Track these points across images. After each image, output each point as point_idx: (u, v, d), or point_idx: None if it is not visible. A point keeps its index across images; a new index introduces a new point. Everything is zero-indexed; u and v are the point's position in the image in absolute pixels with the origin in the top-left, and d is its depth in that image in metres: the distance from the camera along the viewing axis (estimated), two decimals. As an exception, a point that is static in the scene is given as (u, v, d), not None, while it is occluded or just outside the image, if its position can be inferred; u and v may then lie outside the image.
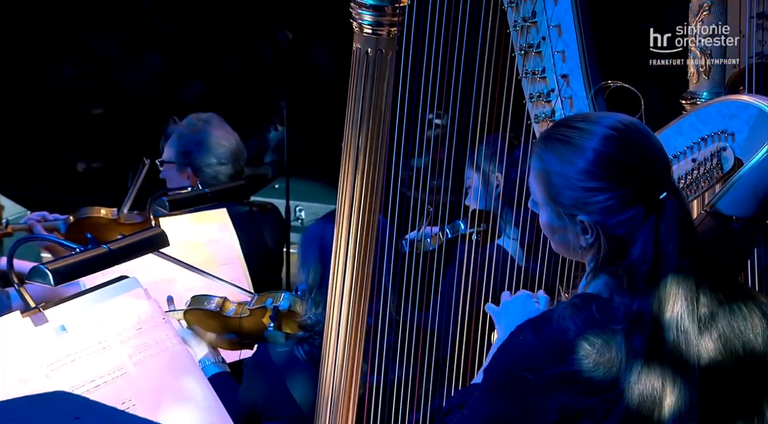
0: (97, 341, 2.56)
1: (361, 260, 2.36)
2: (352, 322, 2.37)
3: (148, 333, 2.67)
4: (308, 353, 2.78)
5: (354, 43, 2.30)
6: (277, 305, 2.95)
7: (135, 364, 2.59)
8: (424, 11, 2.29)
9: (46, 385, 2.40)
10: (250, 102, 6.86)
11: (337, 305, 2.38)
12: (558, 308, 1.90)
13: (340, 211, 2.36)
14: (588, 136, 1.88)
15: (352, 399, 2.40)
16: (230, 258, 3.60)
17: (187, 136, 3.88)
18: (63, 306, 2.54)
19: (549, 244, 2.01)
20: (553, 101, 2.25)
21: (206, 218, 3.62)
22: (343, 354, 2.37)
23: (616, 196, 1.86)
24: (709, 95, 2.57)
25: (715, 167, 2.12)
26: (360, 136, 2.30)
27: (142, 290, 2.72)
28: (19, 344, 2.46)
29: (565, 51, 2.23)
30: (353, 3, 2.28)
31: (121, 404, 2.47)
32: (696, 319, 1.86)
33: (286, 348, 2.83)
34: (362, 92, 2.29)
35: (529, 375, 1.84)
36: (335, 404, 2.38)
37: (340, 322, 2.37)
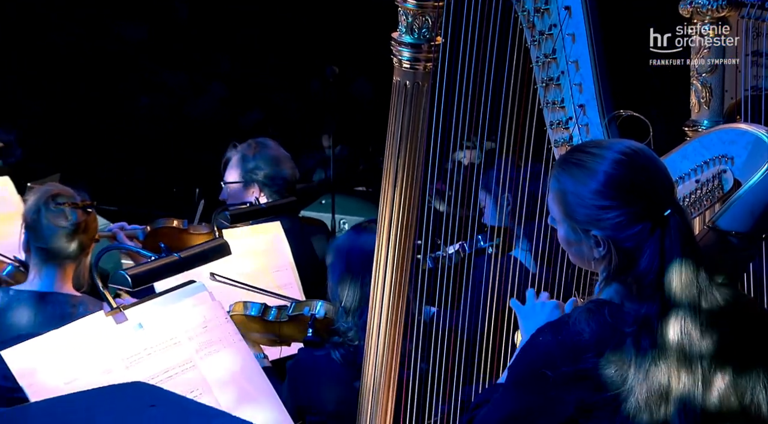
0: (169, 337, 2.58)
1: (400, 267, 2.36)
2: (390, 324, 2.37)
3: (213, 331, 2.68)
4: (344, 357, 2.75)
5: (394, 76, 2.31)
6: (314, 313, 2.94)
7: (201, 358, 2.60)
8: (456, 48, 2.29)
9: (126, 376, 2.42)
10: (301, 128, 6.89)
11: (378, 308, 2.38)
12: (574, 313, 1.89)
13: (381, 224, 2.36)
14: (600, 160, 1.88)
15: (390, 392, 2.40)
16: (283, 265, 3.61)
17: (249, 158, 3.91)
18: (140, 306, 2.56)
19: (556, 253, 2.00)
20: (571, 128, 2.24)
21: (262, 230, 3.63)
22: (383, 353, 2.37)
23: (625, 213, 1.86)
24: (709, 123, 2.55)
25: (716, 188, 2.11)
26: (399, 158, 2.31)
27: (207, 293, 2.73)
28: (103, 339, 2.49)
29: (582, 83, 2.23)
30: (394, 41, 2.30)
31: (189, 393, 2.48)
32: (699, 322, 1.84)
33: (323, 353, 2.80)
34: (401, 119, 2.30)
35: (548, 372, 1.83)
36: (376, 396, 2.38)
37: (380, 324, 2.37)
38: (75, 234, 2.94)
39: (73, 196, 2.99)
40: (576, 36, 2.22)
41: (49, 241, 2.93)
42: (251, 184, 3.89)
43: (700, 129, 2.54)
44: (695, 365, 1.83)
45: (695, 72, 2.57)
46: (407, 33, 2.27)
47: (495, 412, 1.92)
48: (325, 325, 2.90)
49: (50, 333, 2.49)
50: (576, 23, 2.21)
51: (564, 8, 2.21)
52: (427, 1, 2.24)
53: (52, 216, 2.92)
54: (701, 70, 2.56)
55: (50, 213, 2.93)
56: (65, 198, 2.96)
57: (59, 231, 2.92)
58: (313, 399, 2.80)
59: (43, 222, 2.92)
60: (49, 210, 2.93)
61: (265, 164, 3.88)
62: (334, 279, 2.84)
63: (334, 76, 5.33)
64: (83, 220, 2.96)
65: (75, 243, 2.95)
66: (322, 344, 2.81)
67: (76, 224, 2.94)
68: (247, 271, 3.46)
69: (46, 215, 2.92)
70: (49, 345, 2.46)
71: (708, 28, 2.52)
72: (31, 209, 2.96)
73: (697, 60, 2.57)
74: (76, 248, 2.96)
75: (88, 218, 2.99)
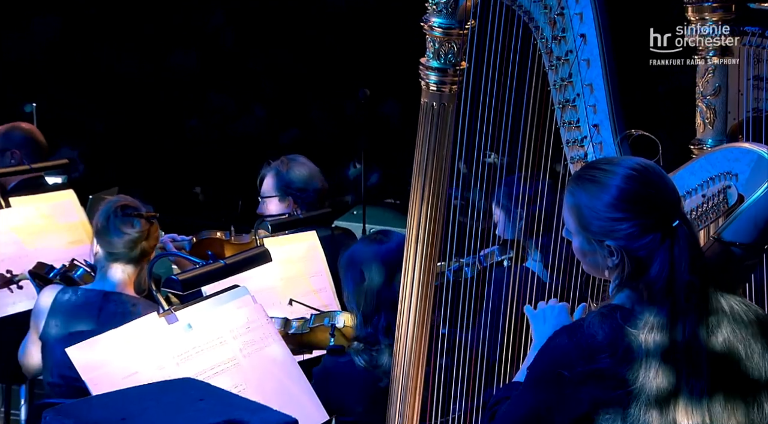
0: (216, 336, 2.59)
1: (426, 275, 2.35)
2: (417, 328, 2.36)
3: (255, 331, 2.68)
4: (367, 362, 2.72)
5: (422, 98, 2.31)
6: (333, 323, 2.92)
7: (245, 356, 2.61)
8: (479, 72, 2.28)
9: (177, 371, 2.43)
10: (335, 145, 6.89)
11: (406, 312, 2.37)
12: (588, 317, 1.87)
13: (409, 234, 2.36)
14: (612, 175, 1.86)
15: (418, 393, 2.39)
16: (318, 271, 3.61)
17: (284, 173, 3.91)
18: (189, 308, 2.58)
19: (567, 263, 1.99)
20: (586, 146, 2.23)
21: (299, 239, 3.63)
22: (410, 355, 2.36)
23: (636, 224, 1.83)
24: (713, 142, 2.53)
25: (721, 202, 2.09)
26: (426, 172, 2.31)
27: (249, 296, 2.74)
28: (156, 338, 2.50)
29: (596, 105, 2.21)
30: (422, 66, 2.29)
31: (234, 388, 2.48)
32: (705, 326, 1.82)
33: (347, 359, 2.76)
34: (428, 137, 2.29)
35: (564, 372, 1.81)
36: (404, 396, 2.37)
37: (408, 329, 2.36)
38: (139, 241, 2.97)
39: (139, 208, 3.03)
40: (590, 61, 2.20)
41: (115, 246, 2.96)
42: (286, 197, 3.89)
43: (705, 147, 2.53)
44: (702, 366, 1.81)
45: (700, 95, 2.55)
46: (434, 58, 2.27)
47: (515, 409, 1.91)
48: (345, 333, 2.88)
49: (110, 332, 2.51)
50: (590, 49, 2.20)
51: (579, 36, 2.20)
52: (453, 29, 2.24)
53: (119, 224, 2.96)
54: (706, 93, 2.54)
55: (118, 221, 2.96)
56: (132, 209, 3.00)
57: (125, 237, 2.95)
58: (342, 403, 2.78)
59: (111, 229, 2.96)
60: (118, 218, 2.96)
61: (297, 178, 3.88)
62: (349, 288, 2.80)
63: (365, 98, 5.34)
64: (146, 228, 2.99)
65: (138, 249, 2.98)
66: (344, 351, 2.79)
67: (140, 231, 2.97)
68: (286, 276, 3.46)
69: (115, 222, 2.96)
70: (109, 343, 2.48)
71: (712, 54, 2.51)
72: (101, 217, 3.00)
73: (702, 83, 2.56)
74: (139, 253, 2.99)
75: (151, 228, 3.02)
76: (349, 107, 6.98)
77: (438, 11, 2.24)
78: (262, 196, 3.96)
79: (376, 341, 2.73)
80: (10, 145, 4.11)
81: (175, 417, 1.67)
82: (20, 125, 4.23)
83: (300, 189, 3.86)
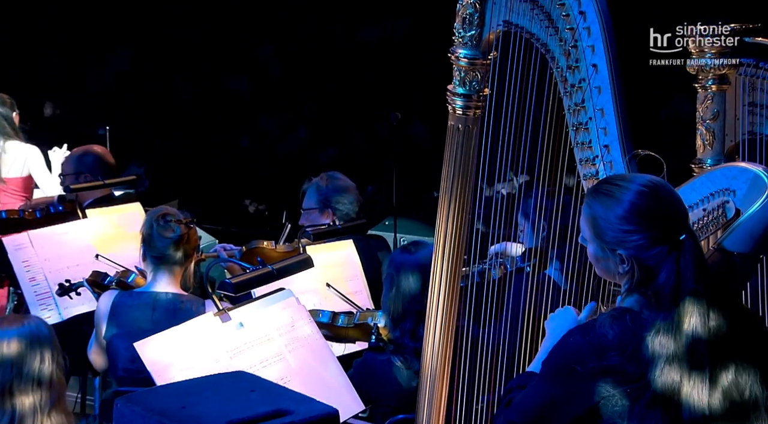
0: (264, 334, 2.58)
1: (452, 279, 2.33)
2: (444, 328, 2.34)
3: (298, 329, 2.67)
4: (402, 362, 2.71)
5: (449, 121, 2.30)
6: (376, 322, 2.91)
7: (289, 351, 2.60)
8: (501, 98, 2.26)
9: (230, 364, 2.43)
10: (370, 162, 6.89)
11: (434, 313, 2.34)
12: (600, 318, 1.84)
13: (437, 243, 2.34)
14: (625, 191, 1.83)
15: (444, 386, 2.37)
16: (354, 275, 3.59)
17: (323, 188, 3.91)
18: (241, 309, 2.58)
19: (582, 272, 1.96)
20: (598, 164, 2.20)
21: (338, 246, 3.62)
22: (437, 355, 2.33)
23: (646, 236, 1.81)
24: (712, 162, 2.50)
25: (720, 216, 2.06)
26: (452, 187, 2.29)
27: (294, 298, 2.74)
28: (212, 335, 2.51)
29: (606, 127, 2.18)
30: (449, 92, 2.28)
31: (280, 380, 2.48)
32: (707, 329, 1.78)
33: (385, 358, 2.76)
34: (454, 156, 2.28)
35: (577, 367, 1.79)
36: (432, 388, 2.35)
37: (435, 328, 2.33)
38: (180, 244, 2.99)
39: (178, 215, 3.05)
40: (602, 88, 2.18)
41: (160, 250, 2.97)
42: (325, 209, 3.89)
43: (704, 166, 2.50)
44: (703, 365, 1.77)
45: (700, 119, 2.52)
46: (460, 85, 2.26)
47: (531, 398, 1.88)
48: (384, 332, 2.86)
49: (171, 329, 2.51)
50: (601, 78, 2.17)
51: (591, 65, 2.17)
52: (477, 60, 2.23)
53: (161, 230, 2.97)
54: (705, 117, 2.51)
55: (160, 228, 2.98)
56: (171, 216, 3.02)
57: (167, 241, 2.96)
58: (378, 395, 2.76)
59: (155, 235, 2.98)
60: (160, 225, 2.98)
61: (334, 192, 3.87)
62: (384, 294, 2.81)
63: (397, 121, 5.34)
64: (186, 232, 3.01)
65: (180, 251, 3.00)
66: (384, 349, 2.77)
67: (180, 235, 2.98)
68: (327, 279, 3.45)
69: (157, 229, 2.97)
70: (171, 339, 2.49)
71: (711, 83, 2.48)
72: (145, 226, 3.03)
73: (702, 109, 2.52)
74: (182, 255, 3.00)
75: (190, 232, 3.04)
76: (382, 129, 6.98)
77: (464, 44, 2.23)
78: (304, 208, 3.96)
79: (404, 343, 2.71)
80: (83, 167, 4.16)
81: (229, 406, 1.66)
82: (92, 148, 4.29)
83: (338, 202, 3.86)
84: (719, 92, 2.48)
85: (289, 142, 7.30)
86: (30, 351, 2.18)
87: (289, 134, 7.34)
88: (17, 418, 2.15)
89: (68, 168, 4.20)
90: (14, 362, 2.17)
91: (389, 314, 2.76)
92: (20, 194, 4.96)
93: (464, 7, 2.20)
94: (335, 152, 7.12)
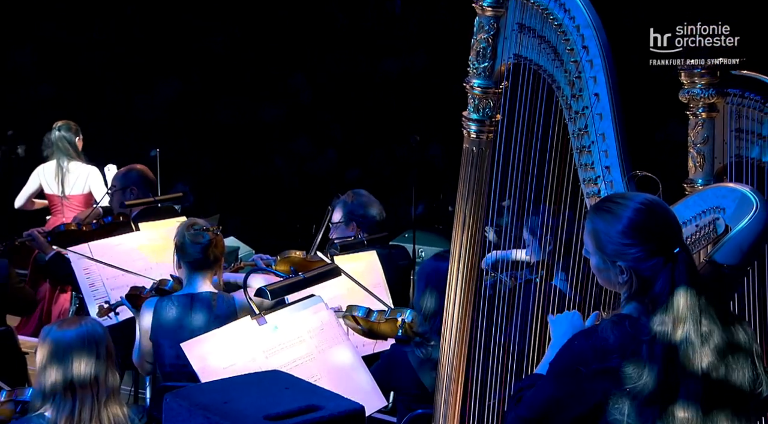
0: (296, 336, 2.58)
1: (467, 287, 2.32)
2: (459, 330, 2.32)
3: (327, 332, 2.67)
4: (424, 353, 2.72)
5: (464, 144, 2.30)
6: (404, 318, 2.91)
7: (319, 352, 2.60)
8: (511, 123, 2.25)
9: (266, 364, 2.43)
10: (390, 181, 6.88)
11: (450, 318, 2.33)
12: (602, 323, 1.83)
13: (453, 254, 2.33)
14: (624, 208, 1.82)
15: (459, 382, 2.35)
16: (377, 282, 3.58)
17: (349, 204, 3.91)
18: (276, 313, 2.58)
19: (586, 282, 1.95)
20: (600, 184, 2.19)
21: (362, 257, 3.62)
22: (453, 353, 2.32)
23: (644, 249, 1.79)
24: (703, 182, 2.48)
25: (711, 231, 2.04)
26: (466, 204, 2.28)
27: (323, 303, 2.73)
28: (250, 336, 2.51)
29: (607, 150, 2.17)
30: (464, 118, 2.28)
31: (311, 378, 2.47)
32: (699, 334, 1.76)
33: (410, 349, 2.77)
34: (469, 175, 2.28)
35: (582, 368, 1.77)
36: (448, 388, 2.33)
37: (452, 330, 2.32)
38: (209, 248, 3.01)
39: (205, 224, 3.07)
40: (603, 115, 2.17)
41: (192, 255, 2.99)
42: (351, 223, 3.88)
43: (696, 186, 2.49)
44: (696, 367, 1.75)
45: (692, 143, 2.52)
46: (474, 112, 2.26)
47: (538, 396, 1.86)
48: (410, 327, 2.86)
49: (213, 332, 2.52)
50: (603, 106, 2.16)
51: (594, 95, 2.17)
52: (490, 89, 2.23)
53: (192, 237, 2.99)
54: (696, 141, 2.50)
55: (191, 236, 3.00)
56: (199, 225, 3.04)
57: (198, 247, 2.98)
58: (401, 383, 2.76)
59: (186, 243, 3.00)
60: (190, 234, 3.00)
61: (360, 208, 3.87)
62: (417, 293, 2.81)
63: (416, 143, 5.33)
64: (213, 238, 3.03)
65: (210, 255, 3.01)
66: (409, 341, 2.78)
67: (209, 241, 3.00)
68: (351, 287, 3.44)
69: (188, 237, 2.99)
70: (214, 340, 2.49)
71: (701, 111, 2.46)
72: (178, 236, 3.05)
73: (693, 134, 2.51)
74: (212, 259, 3.02)
75: (217, 238, 3.06)
76: (403, 150, 6.99)
77: (478, 74, 2.23)
78: (332, 222, 3.96)
79: (430, 337, 2.71)
80: (129, 182, 4.22)
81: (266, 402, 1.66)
82: (135, 166, 4.36)
83: (362, 216, 3.85)
84: (709, 119, 2.47)
85: (318, 162, 7.32)
86: (88, 349, 2.21)
87: (319, 155, 7.36)
88: (77, 408, 2.17)
89: (116, 183, 4.27)
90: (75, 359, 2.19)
91: (421, 311, 2.76)
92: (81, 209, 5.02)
93: (478, 42, 2.21)
94: (360, 171, 7.12)
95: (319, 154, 7.33)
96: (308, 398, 1.67)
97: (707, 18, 2.32)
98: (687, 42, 2.34)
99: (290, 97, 7.45)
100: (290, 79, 7.49)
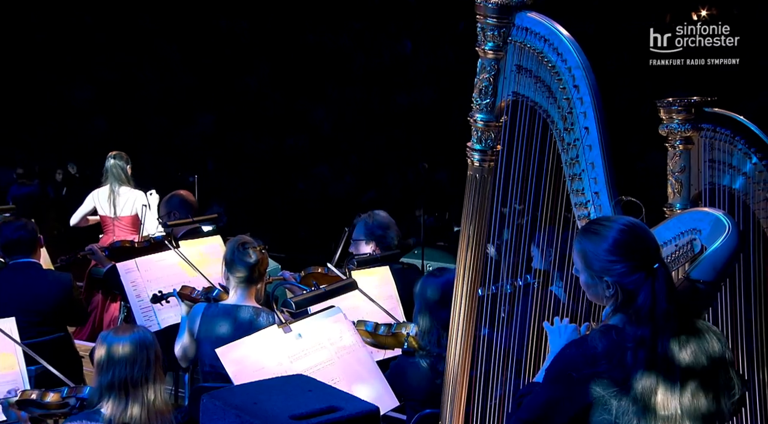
0: (317, 343, 2.58)
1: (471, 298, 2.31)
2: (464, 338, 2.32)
3: (345, 340, 2.67)
4: (429, 365, 2.70)
5: (468, 171, 2.30)
6: (408, 332, 2.90)
7: (338, 358, 2.60)
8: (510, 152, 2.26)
9: (291, 368, 2.43)
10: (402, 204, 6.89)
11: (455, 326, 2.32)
12: (591, 333, 1.84)
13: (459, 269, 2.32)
14: (609, 229, 1.84)
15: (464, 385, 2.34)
16: (389, 295, 3.58)
17: (369, 223, 3.92)
18: (300, 323, 2.58)
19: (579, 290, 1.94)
20: (589, 208, 2.19)
21: (376, 272, 3.62)
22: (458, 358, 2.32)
23: (627, 265, 1.80)
24: (681, 206, 2.47)
25: (689, 251, 2.03)
26: (470, 225, 2.28)
27: (342, 314, 2.74)
28: (277, 343, 2.51)
29: (596, 178, 2.18)
30: (468, 148, 2.29)
31: (330, 381, 2.47)
32: (677, 341, 1.77)
33: (415, 360, 2.75)
34: (472, 199, 2.28)
35: (573, 374, 1.78)
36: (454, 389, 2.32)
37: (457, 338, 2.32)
38: (255, 266, 3.01)
39: (254, 243, 3.07)
40: (592, 146, 2.17)
41: (240, 271, 2.99)
42: (369, 240, 3.89)
43: (675, 210, 2.48)
44: (675, 371, 1.76)
45: (670, 172, 2.51)
46: (477, 143, 2.27)
47: (535, 400, 1.87)
48: (414, 340, 2.85)
49: (245, 338, 2.52)
50: (592, 138, 2.17)
51: (584, 128, 2.18)
52: (491, 122, 2.25)
53: (241, 255, 3.00)
54: (674, 170, 2.50)
55: (240, 253, 3.00)
56: (249, 244, 3.05)
57: (246, 264, 2.98)
58: (409, 391, 2.74)
59: (236, 259, 3.00)
60: (239, 251, 3.01)
61: (378, 227, 3.87)
62: (415, 310, 2.80)
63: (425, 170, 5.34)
64: (260, 257, 3.03)
65: (256, 272, 3.02)
66: (414, 353, 2.76)
67: (256, 260, 3.00)
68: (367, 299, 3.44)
69: (238, 254, 3.00)
70: (245, 346, 2.49)
71: (678, 143, 2.46)
72: (228, 251, 3.06)
73: (672, 163, 2.51)
74: (257, 275, 3.02)
75: (263, 257, 3.07)
76: (413, 176, 7.00)
77: (480, 109, 2.25)
78: (353, 239, 3.96)
79: (430, 349, 2.69)
80: (172, 207, 4.28)
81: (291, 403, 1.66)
82: (178, 192, 4.43)
83: (381, 236, 3.86)
84: (685, 150, 2.47)
85: (337, 186, 7.35)
86: (140, 353, 2.23)
87: (338, 180, 7.39)
88: (129, 405, 2.19)
89: (162, 210, 4.34)
90: (128, 362, 2.21)
91: (419, 326, 2.75)
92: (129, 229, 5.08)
93: (481, 81, 2.23)
94: (374, 194, 7.14)
95: (338, 178, 7.36)
96: (329, 400, 1.68)
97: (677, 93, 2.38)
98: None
99: (312, 129, 7.51)
100: (312, 113, 7.55)
